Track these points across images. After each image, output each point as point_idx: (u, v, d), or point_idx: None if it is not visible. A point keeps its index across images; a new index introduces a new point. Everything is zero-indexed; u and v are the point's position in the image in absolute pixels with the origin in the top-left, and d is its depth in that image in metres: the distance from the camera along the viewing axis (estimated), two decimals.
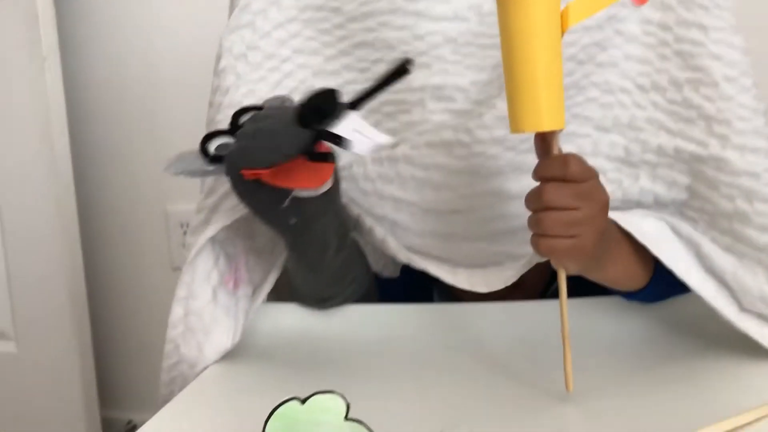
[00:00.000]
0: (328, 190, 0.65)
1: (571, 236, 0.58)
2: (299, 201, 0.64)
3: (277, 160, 0.59)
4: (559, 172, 0.58)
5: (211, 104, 0.78)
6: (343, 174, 0.76)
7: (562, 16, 0.56)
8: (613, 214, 0.65)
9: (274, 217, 0.67)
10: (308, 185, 0.63)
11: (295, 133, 0.60)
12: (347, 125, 0.59)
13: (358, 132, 0.59)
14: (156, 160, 1.45)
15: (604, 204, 0.61)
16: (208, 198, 0.76)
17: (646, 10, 0.71)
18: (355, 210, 0.78)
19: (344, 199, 0.76)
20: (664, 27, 0.71)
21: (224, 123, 0.73)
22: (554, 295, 0.63)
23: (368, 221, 0.77)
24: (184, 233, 1.45)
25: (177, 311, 0.74)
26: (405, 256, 0.76)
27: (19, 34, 1.28)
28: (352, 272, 0.79)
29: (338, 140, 0.59)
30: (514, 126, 0.57)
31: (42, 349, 1.38)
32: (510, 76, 0.57)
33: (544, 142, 0.60)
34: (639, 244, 0.66)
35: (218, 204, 0.75)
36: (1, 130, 1.33)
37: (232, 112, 0.74)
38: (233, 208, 0.74)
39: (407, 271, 0.81)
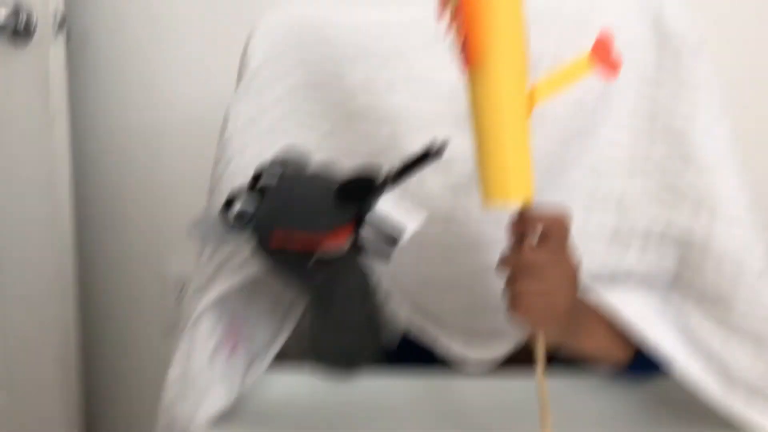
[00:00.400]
0: (351, 245, 0.66)
1: (545, 294, 0.59)
2: (324, 260, 0.65)
3: (319, 231, 0.62)
4: (565, 218, 0.60)
5: (213, 175, 0.79)
6: None
7: (529, 97, 0.56)
8: (596, 295, 0.67)
9: (300, 277, 0.67)
10: (331, 247, 0.64)
11: (334, 208, 0.62)
12: (383, 207, 0.61)
13: (393, 213, 0.61)
14: (156, 219, 1.47)
15: (577, 264, 0.62)
16: (212, 259, 0.77)
17: (634, 97, 0.74)
18: None
19: None
20: (652, 115, 0.73)
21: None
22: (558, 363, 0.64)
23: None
24: (181, 291, 1.46)
25: (175, 371, 0.73)
26: (407, 313, 0.76)
27: (29, 93, 1.29)
28: (375, 325, 0.79)
29: (380, 227, 0.60)
30: (484, 201, 0.58)
31: (32, 405, 1.37)
32: (478, 156, 0.58)
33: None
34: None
35: (223, 264, 0.76)
36: (3, 192, 1.34)
37: (236, 182, 0.76)
38: (238, 270, 0.74)
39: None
